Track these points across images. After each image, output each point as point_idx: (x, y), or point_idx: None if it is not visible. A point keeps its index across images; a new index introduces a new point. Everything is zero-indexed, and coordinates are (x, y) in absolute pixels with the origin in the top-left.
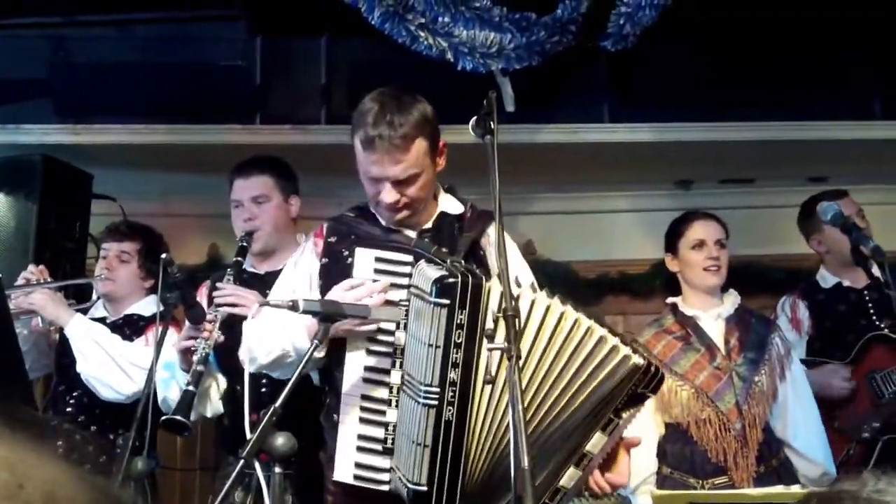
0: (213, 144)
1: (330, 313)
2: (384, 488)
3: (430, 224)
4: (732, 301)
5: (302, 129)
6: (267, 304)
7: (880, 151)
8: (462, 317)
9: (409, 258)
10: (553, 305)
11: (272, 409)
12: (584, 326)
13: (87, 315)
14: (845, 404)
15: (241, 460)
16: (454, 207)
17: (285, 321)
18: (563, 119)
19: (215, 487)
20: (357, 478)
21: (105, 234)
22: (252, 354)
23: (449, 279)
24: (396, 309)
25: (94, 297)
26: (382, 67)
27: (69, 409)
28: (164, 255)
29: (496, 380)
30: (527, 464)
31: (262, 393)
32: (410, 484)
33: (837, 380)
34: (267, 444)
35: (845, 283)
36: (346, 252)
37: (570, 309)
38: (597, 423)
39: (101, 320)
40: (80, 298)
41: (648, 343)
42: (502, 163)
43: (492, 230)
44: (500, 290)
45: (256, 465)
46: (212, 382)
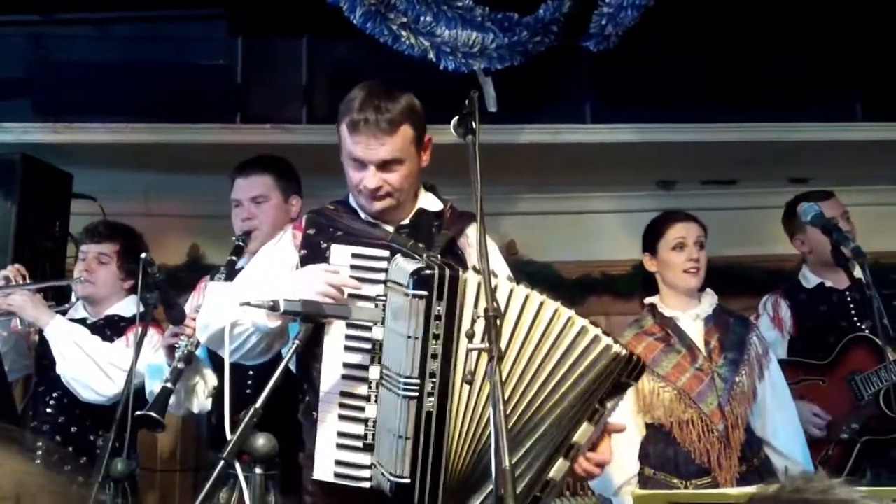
0: (194, 144)
1: (311, 314)
2: (365, 485)
3: (407, 220)
4: (710, 301)
5: (283, 128)
6: (248, 304)
7: (862, 153)
8: (440, 308)
9: (386, 253)
10: (532, 296)
11: (252, 409)
12: (564, 316)
13: (68, 316)
14: (825, 405)
15: (222, 461)
16: (433, 205)
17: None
18: (545, 119)
19: (200, 486)
20: (338, 475)
21: (83, 235)
22: (205, 321)
23: (426, 271)
24: (377, 309)
25: (74, 298)
26: (364, 67)
27: (49, 411)
28: (143, 256)
29: (476, 373)
30: (508, 464)
31: (248, 394)
32: (393, 477)
33: (810, 416)
34: (248, 444)
35: (827, 284)
36: (325, 245)
37: (548, 299)
38: (583, 413)
39: (81, 321)
40: (59, 299)
41: (629, 345)
42: (484, 163)
43: (471, 231)
44: (477, 282)
45: (237, 465)
46: (199, 379)
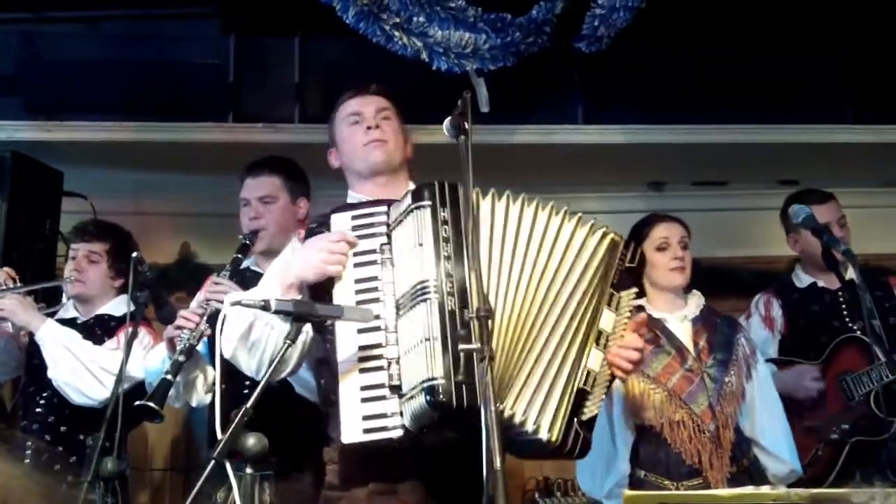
0: (186, 142)
1: (302, 313)
2: (397, 434)
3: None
4: (696, 302)
5: (275, 127)
6: (239, 304)
7: (852, 155)
8: (445, 214)
9: (384, 208)
10: (512, 199)
11: (243, 409)
12: (546, 211)
13: (58, 315)
14: (816, 404)
15: (212, 461)
16: None
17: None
18: (537, 120)
19: (190, 486)
20: (367, 431)
21: (73, 234)
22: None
23: (424, 186)
24: (368, 309)
25: (65, 298)
26: (357, 67)
27: (39, 410)
28: (134, 254)
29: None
30: (499, 464)
31: (245, 395)
32: (427, 383)
33: (807, 380)
34: (238, 444)
35: (820, 284)
36: (326, 222)
37: (526, 196)
38: (601, 301)
39: (71, 320)
40: (50, 300)
41: None
42: (476, 163)
43: None
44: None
45: (227, 465)
46: (199, 374)
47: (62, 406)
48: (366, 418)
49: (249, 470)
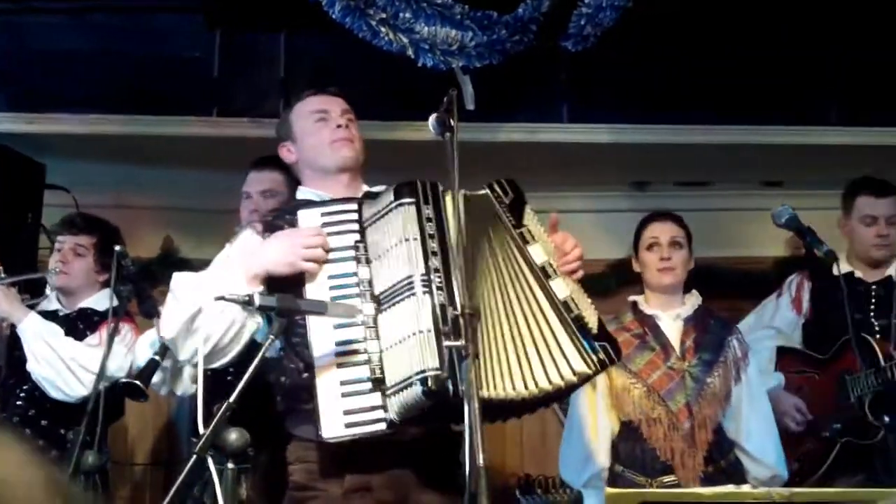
0: (169, 136)
1: (285, 308)
2: (381, 427)
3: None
4: (693, 302)
5: (259, 122)
6: (223, 299)
7: (835, 157)
8: (429, 211)
9: (354, 205)
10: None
11: (226, 403)
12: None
13: (40, 307)
14: (815, 400)
15: (194, 455)
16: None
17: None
18: (522, 118)
19: (172, 481)
20: (349, 426)
21: (60, 226)
22: (169, 314)
23: (405, 184)
24: (352, 305)
25: (48, 290)
26: (342, 63)
27: (19, 403)
28: (117, 248)
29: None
30: (482, 461)
31: (228, 388)
32: (420, 374)
33: (792, 414)
34: (220, 438)
35: (857, 274)
36: (290, 217)
37: None
38: (521, 248)
39: (53, 313)
40: (33, 292)
41: None
42: (460, 161)
43: None
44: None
45: (209, 460)
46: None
47: (43, 399)
48: (347, 413)
49: (231, 465)
